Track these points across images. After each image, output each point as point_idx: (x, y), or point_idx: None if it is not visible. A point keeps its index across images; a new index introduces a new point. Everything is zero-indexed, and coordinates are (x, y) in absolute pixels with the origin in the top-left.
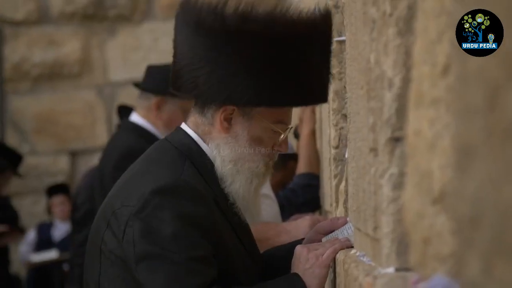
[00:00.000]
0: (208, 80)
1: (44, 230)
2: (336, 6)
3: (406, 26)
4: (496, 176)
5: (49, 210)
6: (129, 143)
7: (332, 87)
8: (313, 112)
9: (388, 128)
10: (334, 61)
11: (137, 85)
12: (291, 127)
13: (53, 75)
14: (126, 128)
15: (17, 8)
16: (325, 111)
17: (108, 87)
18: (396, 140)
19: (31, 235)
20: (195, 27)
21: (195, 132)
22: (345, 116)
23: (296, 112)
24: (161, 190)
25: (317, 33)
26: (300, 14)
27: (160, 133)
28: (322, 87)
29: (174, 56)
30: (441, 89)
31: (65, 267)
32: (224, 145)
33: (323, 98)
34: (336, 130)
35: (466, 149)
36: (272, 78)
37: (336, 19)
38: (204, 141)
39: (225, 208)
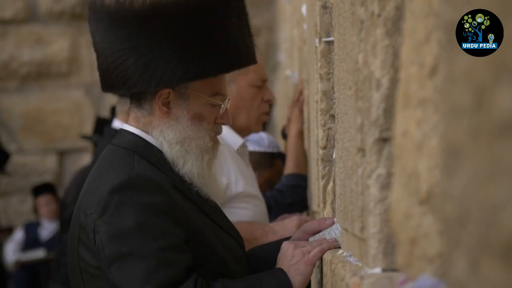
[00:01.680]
0: (136, 70)
1: (31, 229)
2: (324, 7)
3: (394, 27)
4: (483, 176)
5: (35, 210)
6: None
7: (321, 87)
8: (301, 112)
9: (375, 129)
10: (322, 62)
11: None
12: (229, 98)
13: (41, 74)
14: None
15: (5, 7)
16: (313, 111)
17: (96, 86)
18: (383, 140)
19: (18, 234)
20: (108, 23)
21: (137, 127)
22: (333, 117)
23: (284, 113)
24: (117, 188)
25: None
26: None
27: None
28: (247, 48)
29: (97, 57)
30: (429, 89)
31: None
32: (167, 129)
33: (251, 60)
34: (324, 130)
35: (453, 149)
36: (196, 51)
37: (324, 20)
38: (148, 133)
39: (186, 191)
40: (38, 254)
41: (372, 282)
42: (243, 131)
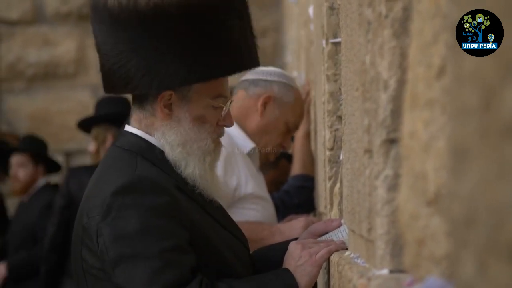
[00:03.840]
0: (138, 72)
1: None
2: (331, 8)
3: (402, 28)
4: (491, 177)
5: None
6: None
7: (327, 89)
8: (308, 114)
9: (383, 130)
10: (329, 63)
11: None
12: (231, 100)
13: (48, 75)
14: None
15: (12, 8)
16: (320, 112)
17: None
18: (391, 141)
19: None
20: (111, 25)
21: (139, 129)
22: (340, 118)
23: None
24: (120, 190)
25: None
26: None
27: None
28: (249, 51)
29: (100, 58)
30: (436, 90)
31: None
32: (169, 131)
33: (253, 63)
34: (331, 131)
35: (460, 150)
36: (197, 53)
37: (331, 21)
38: (150, 134)
39: (189, 192)
40: None
41: (379, 283)
42: (258, 143)
